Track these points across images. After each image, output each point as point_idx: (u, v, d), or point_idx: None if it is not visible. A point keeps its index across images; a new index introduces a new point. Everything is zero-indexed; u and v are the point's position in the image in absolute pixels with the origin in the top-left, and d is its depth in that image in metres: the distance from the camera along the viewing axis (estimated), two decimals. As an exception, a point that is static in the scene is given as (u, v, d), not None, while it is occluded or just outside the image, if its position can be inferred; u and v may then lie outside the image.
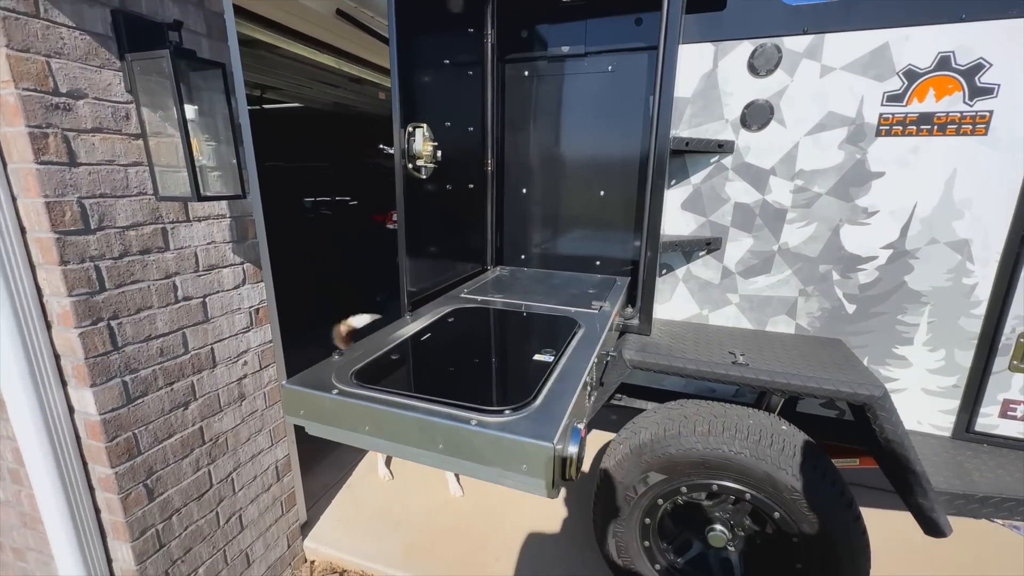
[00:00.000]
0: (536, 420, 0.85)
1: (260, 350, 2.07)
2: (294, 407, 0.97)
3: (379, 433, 0.90)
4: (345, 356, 1.12)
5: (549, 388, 0.97)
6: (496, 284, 1.86)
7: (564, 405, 0.90)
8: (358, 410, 0.92)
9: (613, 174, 2.05)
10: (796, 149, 1.82)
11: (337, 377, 1.01)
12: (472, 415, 0.86)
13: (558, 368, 1.06)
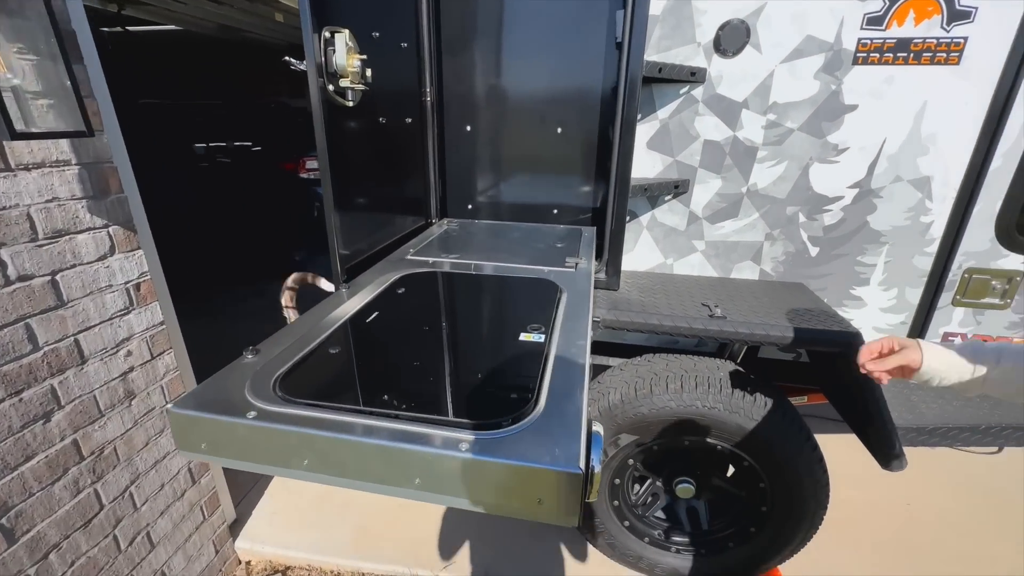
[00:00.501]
0: (546, 432, 0.63)
1: (148, 335, 1.65)
2: (190, 438, 0.67)
3: (325, 467, 0.64)
4: (262, 355, 0.81)
5: (550, 381, 0.74)
6: (446, 241, 1.57)
7: (576, 404, 0.69)
8: (290, 439, 0.64)
9: (572, 108, 1.77)
10: (771, 79, 1.65)
11: (254, 390, 0.71)
12: (458, 434, 0.62)
13: (553, 350, 0.84)
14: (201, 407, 0.67)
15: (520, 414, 0.66)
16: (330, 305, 1.02)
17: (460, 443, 0.60)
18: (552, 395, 0.71)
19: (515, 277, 1.22)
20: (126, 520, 1.59)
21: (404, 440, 0.61)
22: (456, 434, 0.62)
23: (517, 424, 0.64)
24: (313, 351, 0.83)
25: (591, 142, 1.79)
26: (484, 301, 1.13)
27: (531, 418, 0.66)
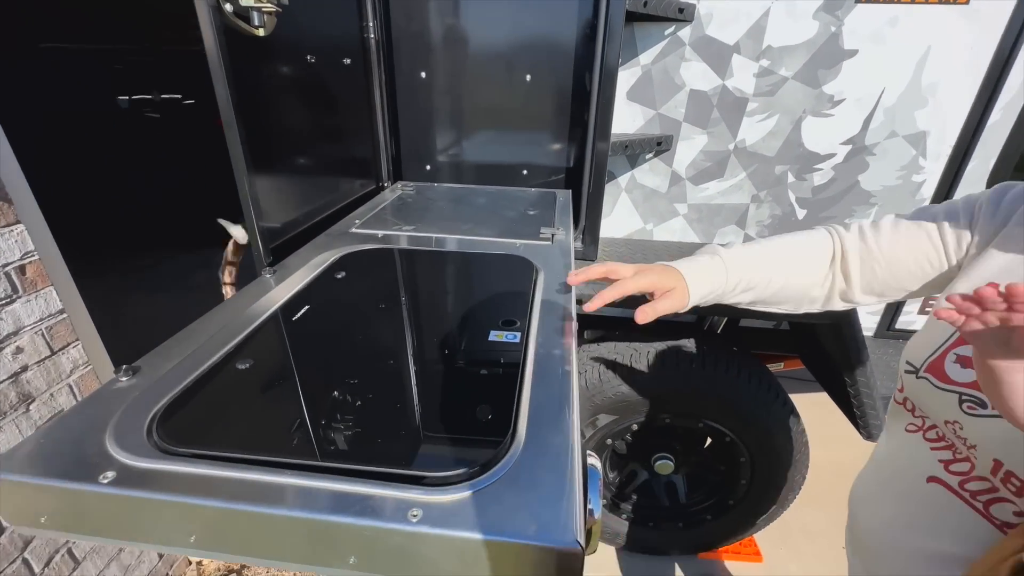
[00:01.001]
0: (529, 483, 0.47)
1: (44, 327, 1.38)
2: (23, 509, 0.47)
3: (219, 544, 0.45)
4: (143, 375, 0.60)
5: (530, 400, 0.58)
6: (400, 209, 1.35)
7: (564, 435, 0.53)
8: (166, 512, 0.45)
9: (543, 52, 1.53)
10: (766, 19, 1.46)
11: (120, 434, 0.51)
12: (408, 493, 0.45)
13: (531, 354, 0.66)
14: (34, 468, 0.47)
15: (492, 456, 0.49)
16: (248, 297, 0.80)
17: (410, 509, 0.43)
18: (534, 422, 0.54)
19: (482, 254, 1.03)
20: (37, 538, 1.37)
21: (332, 510, 0.43)
22: (404, 493, 0.45)
23: (489, 472, 0.47)
24: (212, 370, 0.62)
25: (565, 92, 1.56)
26: (445, 288, 0.94)
27: (507, 461, 0.49)
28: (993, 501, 0.59)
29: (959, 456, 0.63)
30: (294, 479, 0.46)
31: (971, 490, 0.62)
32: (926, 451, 0.67)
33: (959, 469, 0.63)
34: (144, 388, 0.58)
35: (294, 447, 0.52)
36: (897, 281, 0.73)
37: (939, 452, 0.66)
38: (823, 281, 0.77)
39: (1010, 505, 0.57)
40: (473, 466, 0.48)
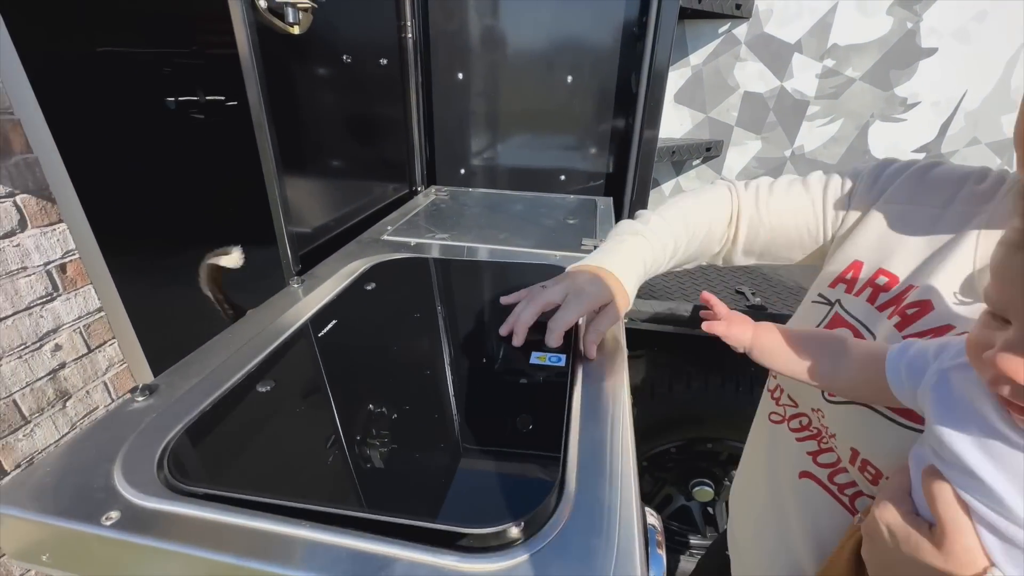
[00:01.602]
0: (580, 553, 0.39)
1: (82, 325, 1.39)
2: (25, 545, 0.43)
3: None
4: (160, 395, 0.56)
5: (579, 442, 0.51)
6: (434, 215, 1.30)
7: (621, 488, 0.45)
8: (173, 561, 0.40)
9: (585, 52, 1.46)
10: (833, 15, 1.34)
11: (130, 467, 0.46)
12: (443, 560, 0.38)
13: (579, 381, 0.59)
14: (37, 502, 0.43)
15: (537, 515, 0.42)
16: (274, 309, 0.76)
17: (443, 581, 0.36)
18: (584, 470, 0.47)
19: (520, 266, 0.96)
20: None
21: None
22: (438, 559, 0.38)
23: (536, 536, 0.40)
24: (231, 393, 0.57)
25: (608, 94, 1.48)
26: (481, 302, 0.87)
27: (555, 523, 0.42)
28: (857, 495, 0.58)
29: (824, 447, 0.63)
30: (314, 532, 0.40)
31: (839, 483, 0.61)
32: (792, 442, 0.67)
33: (826, 461, 0.62)
34: (160, 410, 0.54)
35: (315, 486, 0.46)
36: (777, 249, 0.74)
37: (805, 443, 0.65)
38: (721, 239, 0.76)
39: (868, 500, 0.56)
40: (517, 521, 0.41)
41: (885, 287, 0.60)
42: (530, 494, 0.45)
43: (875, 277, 0.61)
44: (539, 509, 0.43)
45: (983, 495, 0.37)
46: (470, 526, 0.41)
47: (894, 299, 0.58)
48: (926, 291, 0.55)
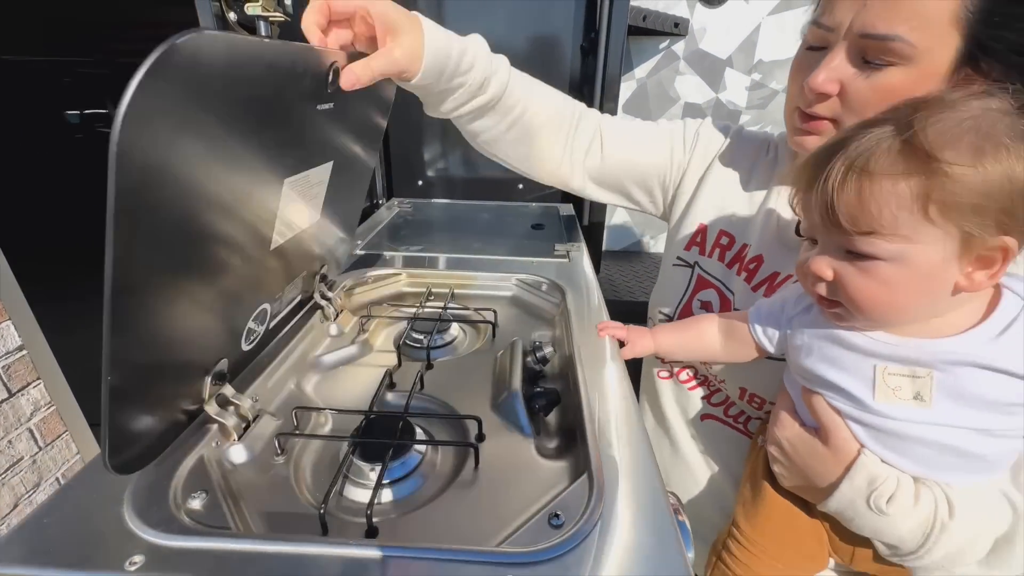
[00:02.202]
0: (624, 532, 0.42)
1: (1, 366, 1.24)
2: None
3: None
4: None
5: (597, 424, 0.54)
6: (402, 227, 1.29)
7: (647, 465, 0.49)
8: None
9: (537, 65, 1.51)
10: (757, 33, 1.49)
11: (141, 508, 0.43)
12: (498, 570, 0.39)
13: (580, 366, 0.62)
14: (43, 557, 0.39)
15: (576, 504, 0.45)
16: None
17: (503, 580, 0.38)
18: (604, 452, 0.50)
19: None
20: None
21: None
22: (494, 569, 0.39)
23: (582, 525, 0.42)
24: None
25: (561, 105, 1.54)
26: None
27: (593, 509, 0.44)
28: (747, 420, 0.72)
29: (714, 389, 0.74)
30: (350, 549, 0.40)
31: (732, 415, 0.73)
32: (686, 392, 0.77)
33: (718, 400, 0.74)
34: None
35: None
36: (626, 180, 0.77)
37: (697, 391, 0.76)
38: (567, 131, 0.73)
39: (756, 421, 0.71)
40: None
41: (728, 246, 0.71)
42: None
43: (719, 238, 0.72)
44: (577, 500, 0.45)
45: (842, 396, 0.49)
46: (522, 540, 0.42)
47: (736, 257, 0.70)
48: (757, 247, 0.67)
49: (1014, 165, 0.38)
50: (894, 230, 0.40)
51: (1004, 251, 0.40)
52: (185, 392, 0.50)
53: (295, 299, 0.73)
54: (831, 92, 0.52)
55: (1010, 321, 0.43)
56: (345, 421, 0.61)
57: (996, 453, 0.46)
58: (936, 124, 0.39)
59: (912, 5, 0.46)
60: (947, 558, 0.46)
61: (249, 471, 0.52)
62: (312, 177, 0.61)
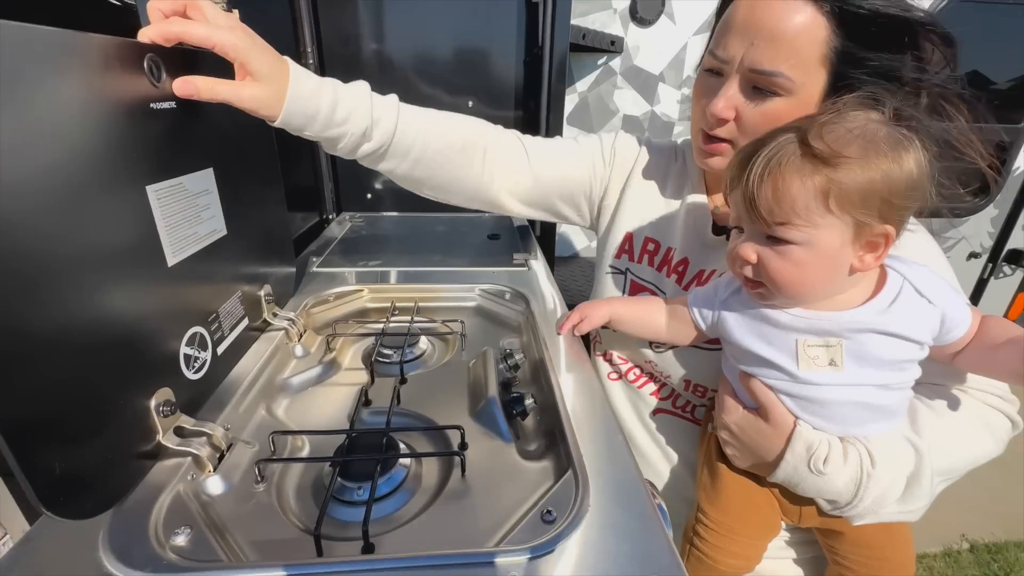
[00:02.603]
0: (611, 524, 0.46)
1: None
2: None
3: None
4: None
5: (574, 421, 0.57)
6: (356, 243, 1.27)
7: (624, 457, 0.52)
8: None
9: (483, 78, 1.55)
10: (684, 51, 1.62)
11: (120, 550, 0.41)
12: (511, 559, 0.41)
13: (554, 368, 0.65)
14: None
15: (565, 500, 0.48)
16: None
17: (509, 572, 0.40)
18: (584, 447, 0.53)
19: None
20: None
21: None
22: (509, 558, 0.41)
23: (572, 520, 0.45)
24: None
25: (508, 118, 1.59)
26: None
27: (582, 504, 0.47)
28: (693, 408, 0.78)
29: (660, 384, 0.79)
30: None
31: (680, 406, 0.78)
32: (635, 391, 0.82)
33: (666, 394, 0.79)
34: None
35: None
36: (551, 197, 0.81)
37: (646, 387, 0.81)
38: (482, 157, 0.74)
39: (702, 408, 0.77)
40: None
41: (655, 252, 0.77)
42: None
43: (646, 244, 0.78)
44: (565, 495, 0.48)
45: (773, 370, 0.56)
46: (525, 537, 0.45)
47: (664, 260, 0.77)
48: (682, 250, 0.75)
49: (891, 166, 0.46)
50: (803, 219, 0.48)
51: (886, 237, 0.49)
52: (127, 426, 0.47)
53: (240, 322, 0.71)
54: (729, 117, 0.61)
55: (896, 295, 0.52)
56: (323, 442, 0.60)
57: (894, 403, 0.56)
58: (831, 133, 0.47)
59: (790, 48, 0.55)
60: (875, 502, 0.54)
61: (230, 501, 0.51)
62: (189, 185, 0.58)
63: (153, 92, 0.52)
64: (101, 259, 0.45)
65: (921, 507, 0.56)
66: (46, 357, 0.39)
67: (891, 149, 0.46)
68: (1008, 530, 2.14)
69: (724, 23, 0.61)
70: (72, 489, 0.40)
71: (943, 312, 0.52)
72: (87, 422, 0.43)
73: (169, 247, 0.55)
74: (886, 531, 0.60)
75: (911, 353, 0.53)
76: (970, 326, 0.53)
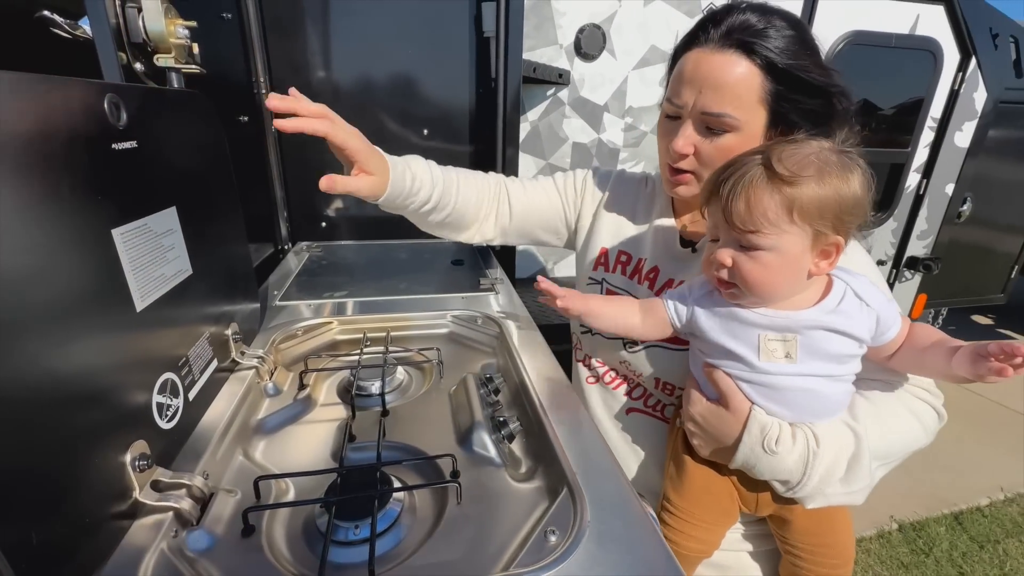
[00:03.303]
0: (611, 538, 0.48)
1: None
2: None
3: None
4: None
5: (563, 439, 0.59)
6: (316, 273, 1.23)
7: (613, 471, 0.55)
8: None
9: (437, 106, 1.58)
10: (625, 84, 1.74)
11: None
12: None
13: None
14: None
15: (565, 519, 0.49)
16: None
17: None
18: (576, 465, 0.56)
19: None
20: None
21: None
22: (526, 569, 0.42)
23: (573, 537, 0.47)
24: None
25: (463, 145, 1.63)
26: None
27: (581, 521, 0.49)
28: (663, 407, 0.84)
29: (634, 385, 0.86)
30: None
31: (651, 405, 0.85)
32: (610, 393, 0.89)
33: (639, 394, 0.86)
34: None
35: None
36: (531, 227, 0.93)
37: (620, 388, 0.88)
38: (485, 205, 0.90)
39: (670, 406, 0.83)
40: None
41: (627, 262, 0.87)
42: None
43: (619, 257, 0.88)
44: (564, 513, 0.50)
45: (736, 361, 0.63)
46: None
47: (635, 269, 0.86)
48: (652, 260, 0.85)
49: (841, 185, 0.56)
50: (771, 228, 0.56)
51: (837, 247, 0.58)
52: (102, 485, 0.44)
53: (210, 364, 0.68)
54: (688, 152, 0.71)
55: (841, 298, 0.61)
56: (309, 483, 0.59)
57: (838, 393, 0.64)
58: (791, 157, 0.56)
59: (732, 93, 0.65)
60: (821, 480, 0.61)
61: (220, 556, 0.48)
62: (154, 225, 0.56)
63: (114, 132, 0.51)
64: (69, 308, 0.43)
65: (863, 488, 0.62)
66: (17, 417, 0.36)
67: (841, 171, 0.56)
68: (928, 508, 2.38)
69: (676, 75, 0.70)
70: (50, 561, 0.37)
71: (878, 314, 0.61)
72: (62, 483, 0.40)
73: (137, 291, 0.53)
74: (828, 519, 0.67)
75: (852, 349, 0.61)
76: (900, 329, 0.63)
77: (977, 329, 4.59)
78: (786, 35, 0.64)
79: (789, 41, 0.64)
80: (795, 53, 0.64)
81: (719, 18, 0.67)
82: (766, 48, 0.63)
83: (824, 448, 0.61)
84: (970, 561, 2.11)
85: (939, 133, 2.17)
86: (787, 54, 0.64)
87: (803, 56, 0.65)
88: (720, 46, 0.65)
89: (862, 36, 1.90)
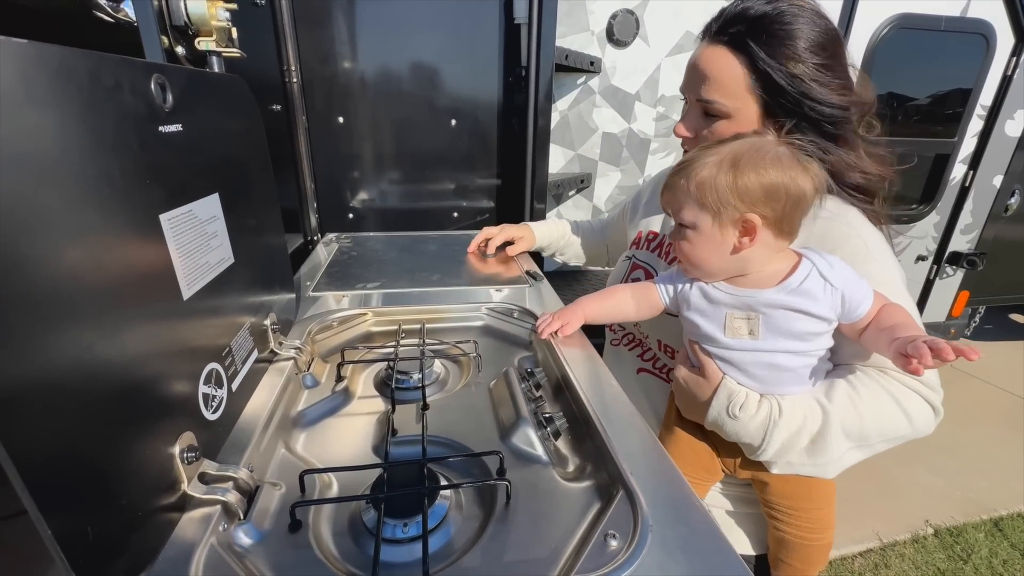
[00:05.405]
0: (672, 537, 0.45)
1: None
2: None
3: None
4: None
5: (614, 441, 0.56)
6: (348, 264, 1.22)
7: (668, 466, 0.52)
8: None
9: (465, 96, 1.55)
10: (658, 72, 1.69)
11: None
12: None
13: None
14: None
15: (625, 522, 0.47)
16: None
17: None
18: (630, 466, 0.53)
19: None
20: None
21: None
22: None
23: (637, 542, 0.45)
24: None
25: (491, 135, 1.60)
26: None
27: (644, 523, 0.47)
28: (667, 369, 0.90)
29: (645, 348, 0.94)
30: None
31: (658, 367, 0.92)
32: (627, 352, 0.98)
33: (648, 356, 0.94)
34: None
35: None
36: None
37: (634, 350, 0.96)
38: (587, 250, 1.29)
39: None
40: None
41: (652, 239, 0.98)
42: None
43: (649, 235, 0.99)
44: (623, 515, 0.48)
45: (708, 339, 0.69)
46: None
47: (659, 245, 0.96)
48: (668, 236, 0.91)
49: (748, 171, 0.61)
50: (688, 209, 0.65)
51: (754, 225, 0.62)
52: (153, 478, 0.43)
53: (251, 354, 0.67)
54: (688, 135, 0.81)
55: (804, 279, 0.63)
56: (353, 478, 0.57)
57: (801, 367, 0.67)
58: (710, 148, 0.64)
59: (718, 82, 0.73)
60: (782, 448, 0.66)
61: (268, 551, 0.47)
62: (198, 212, 0.55)
63: (161, 115, 0.49)
64: (121, 295, 0.41)
65: (829, 462, 0.66)
66: (75, 406, 0.35)
67: (757, 160, 0.61)
68: (966, 513, 2.29)
69: (687, 65, 0.79)
70: (105, 556, 0.36)
71: (843, 293, 0.63)
72: (115, 476, 0.39)
73: (184, 279, 0.52)
74: (804, 487, 0.71)
75: (816, 327, 0.64)
76: (870, 308, 0.64)
77: (1016, 329, 4.40)
78: (784, 33, 0.68)
79: (783, 41, 0.68)
80: (784, 55, 0.68)
81: (722, 14, 0.73)
82: (752, 47, 0.69)
83: (786, 419, 0.65)
84: (1011, 569, 2.02)
85: (988, 122, 2.06)
86: (775, 55, 0.68)
87: (794, 58, 0.68)
88: (714, 40, 0.72)
89: (909, 19, 1.80)
